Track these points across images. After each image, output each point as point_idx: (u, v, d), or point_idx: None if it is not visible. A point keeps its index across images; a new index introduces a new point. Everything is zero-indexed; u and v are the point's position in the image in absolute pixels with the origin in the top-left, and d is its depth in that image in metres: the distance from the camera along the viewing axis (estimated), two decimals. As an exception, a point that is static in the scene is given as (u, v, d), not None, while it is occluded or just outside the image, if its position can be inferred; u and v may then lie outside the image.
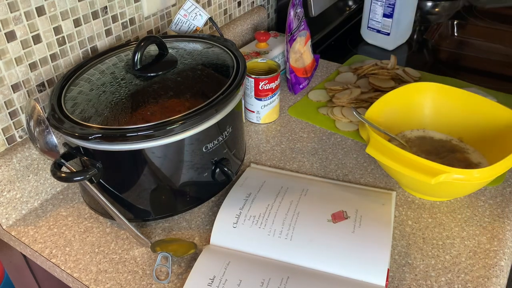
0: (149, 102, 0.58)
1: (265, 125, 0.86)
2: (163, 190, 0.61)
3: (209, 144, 0.60)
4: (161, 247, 0.59)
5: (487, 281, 0.56)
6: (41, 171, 0.68)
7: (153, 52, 0.67)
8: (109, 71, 0.65)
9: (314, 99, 0.92)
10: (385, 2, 1.07)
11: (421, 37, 1.21)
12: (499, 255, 0.59)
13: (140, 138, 0.54)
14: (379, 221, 0.61)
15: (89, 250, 0.62)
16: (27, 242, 0.64)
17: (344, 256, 0.57)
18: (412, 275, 0.57)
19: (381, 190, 0.69)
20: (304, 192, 0.66)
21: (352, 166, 0.75)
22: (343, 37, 1.20)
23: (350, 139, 0.81)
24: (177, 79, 0.62)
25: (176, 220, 0.66)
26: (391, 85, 0.90)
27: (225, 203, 0.64)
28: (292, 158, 0.77)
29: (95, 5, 0.70)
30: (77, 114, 0.57)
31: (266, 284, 0.54)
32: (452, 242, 0.61)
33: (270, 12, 1.19)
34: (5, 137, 0.65)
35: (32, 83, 0.66)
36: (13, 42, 0.61)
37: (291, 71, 0.91)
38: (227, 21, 1.03)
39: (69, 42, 0.69)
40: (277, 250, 0.58)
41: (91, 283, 0.58)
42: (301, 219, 0.61)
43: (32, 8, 0.62)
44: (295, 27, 0.90)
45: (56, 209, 0.69)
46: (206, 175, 0.62)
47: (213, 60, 0.67)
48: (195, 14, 0.78)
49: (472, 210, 0.66)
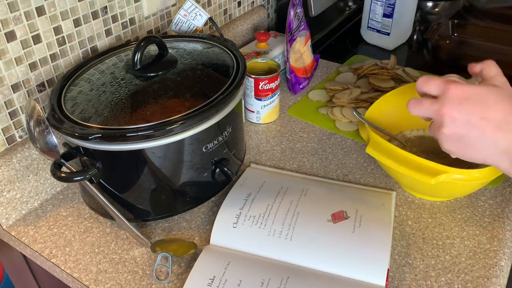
0: (149, 102, 0.58)
1: (265, 125, 0.86)
2: (163, 190, 0.61)
3: (209, 144, 0.60)
4: (161, 247, 0.59)
5: (487, 281, 0.56)
6: (41, 171, 0.68)
7: (153, 52, 0.67)
8: (109, 71, 0.65)
9: (314, 99, 0.92)
10: (385, 2, 1.07)
11: (421, 37, 1.21)
12: (499, 255, 0.59)
13: (140, 138, 0.54)
14: (379, 221, 0.61)
15: (89, 250, 0.62)
16: (27, 242, 0.64)
17: (344, 256, 0.57)
18: (412, 275, 0.57)
19: (381, 190, 0.69)
20: (304, 192, 0.66)
21: (352, 166, 0.75)
22: (343, 37, 1.20)
23: (350, 139, 0.81)
24: (177, 79, 0.62)
25: (176, 220, 0.66)
26: (391, 85, 0.90)
27: (225, 203, 0.64)
28: (292, 158, 0.77)
29: (95, 5, 0.70)
30: (77, 114, 0.57)
31: (266, 284, 0.54)
32: (452, 242, 0.61)
33: (270, 12, 1.19)
34: (5, 137, 0.65)
35: (32, 83, 0.66)
36: (13, 42, 0.61)
37: (291, 71, 0.91)
38: (227, 21, 1.03)
39: (69, 42, 0.69)
40: (277, 250, 0.58)
41: (91, 283, 0.58)
42: (301, 219, 0.61)
43: (32, 8, 0.62)
44: (295, 27, 0.90)
45: (56, 209, 0.69)
46: (206, 175, 0.62)
47: (213, 60, 0.67)
48: (195, 14, 0.79)
49: (472, 210, 0.66)
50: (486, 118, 0.47)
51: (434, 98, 0.50)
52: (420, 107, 0.51)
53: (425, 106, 0.50)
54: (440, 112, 0.48)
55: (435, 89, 0.49)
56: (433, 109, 0.49)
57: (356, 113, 0.69)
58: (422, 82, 0.51)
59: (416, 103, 0.51)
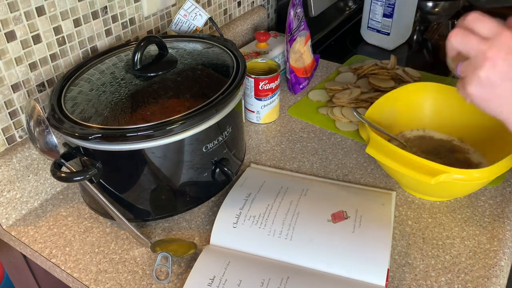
0: (149, 102, 0.58)
1: (265, 125, 0.86)
2: (163, 190, 0.61)
3: (209, 144, 0.60)
4: (161, 247, 0.59)
5: (487, 281, 0.56)
6: (41, 171, 0.68)
7: (153, 52, 0.67)
8: (109, 71, 0.65)
9: (314, 99, 0.92)
10: (385, 2, 1.07)
11: (421, 37, 1.21)
12: (499, 255, 0.59)
13: (140, 138, 0.54)
14: (379, 221, 0.61)
15: (89, 250, 0.62)
16: (27, 242, 0.64)
17: (344, 256, 0.57)
18: (412, 275, 0.57)
19: (381, 190, 0.69)
20: (304, 192, 0.66)
21: (352, 166, 0.75)
22: (343, 37, 1.20)
23: (350, 139, 0.81)
24: (177, 79, 0.62)
25: (176, 220, 0.66)
26: (391, 85, 0.90)
27: (225, 203, 0.64)
28: (292, 158, 0.77)
29: (95, 5, 0.70)
30: (77, 114, 0.57)
31: (266, 284, 0.54)
32: (452, 242, 0.61)
33: (270, 12, 1.19)
34: (5, 137, 0.65)
35: (32, 83, 0.66)
36: (13, 42, 0.61)
37: (291, 71, 0.91)
38: (227, 21, 1.03)
39: (69, 42, 0.69)
40: (277, 250, 0.58)
41: (91, 283, 0.58)
42: (301, 219, 0.61)
43: (32, 8, 0.62)
44: (295, 27, 0.90)
45: (56, 209, 0.69)
46: (206, 175, 0.62)
47: (213, 60, 0.67)
48: (195, 14, 0.79)
49: (472, 210, 0.66)
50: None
51: (482, 38, 0.46)
52: (466, 40, 0.47)
53: (472, 41, 0.46)
54: (485, 54, 0.45)
55: (487, 29, 0.46)
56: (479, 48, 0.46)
57: (356, 113, 0.69)
58: (474, 18, 0.46)
59: (464, 35, 0.47)
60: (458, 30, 0.48)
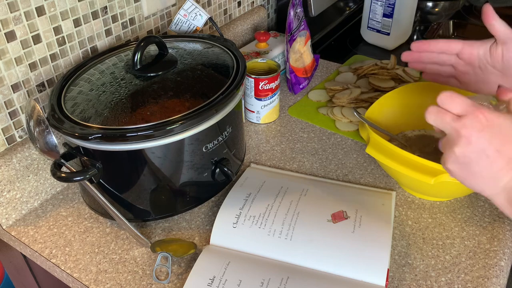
0: (149, 102, 0.58)
1: (265, 125, 0.86)
2: (163, 190, 0.61)
3: (209, 144, 0.60)
4: (161, 247, 0.59)
5: (487, 281, 0.56)
6: (41, 171, 0.68)
7: (153, 52, 0.67)
8: (109, 71, 0.65)
9: (314, 99, 0.92)
10: (385, 2, 1.07)
11: (421, 37, 1.21)
12: (499, 255, 0.59)
13: (140, 138, 0.54)
14: (379, 221, 0.61)
15: (89, 250, 0.62)
16: (27, 242, 0.64)
17: (344, 256, 0.57)
18: (412, 275, 0.57)
19: (381, 190, 0.69)
20: (304, 192, 0.66)
21: (352, 166, 0.75)
22: (343, 37, 1.20)
23: (350, 139, 0.81)
24: (177, 79, 0.62)
25: (176, 220, 0.66)
26: (391, 85, 0.90)
27: (225, 203, 0.64)
28: (292, 158, 0.77)
29: (95, 5, 0.70)
30: (77, 114, 0.57)
31: (266, 284, 0.54)
32: (452, 242, 0.61)
33: (270, 12, 1.19)
34: (5, 137, 0.65)
35: (32, 83, 0.66)
36: (13, 42, 0.61)
37: (291, 71, 0.91)
38: (227, 21, 1.03)
39: (69, 42, 0.69)
40: (277, 250, 0.58)
41: (91, 283, 0.58)
42: (301, 219, 0.61)
43: (32, 8, 0.62)
44: (295, 27, 0.90)
45: (56, 209, 0.69)
46: (206, 175, 0.62)
47: (213, 60, 0.67)
48: (195, 14, 0.79)
49: (472, 210, 0.66)
50: (501, 151, 0.45)
51: (456, 116, 0.47)
52: (441, 119, 0.48)
53: (446, 120, 0.48)
54: (459, 132, 0.46)
55: (459, 108, 0.47)
56: (453, 126, 0.47)
57: (356, 113, 0.69)
58: (446, 97, 0.47)
59: (438, 113, 0.48)
60: (433, 107, 0.49)
